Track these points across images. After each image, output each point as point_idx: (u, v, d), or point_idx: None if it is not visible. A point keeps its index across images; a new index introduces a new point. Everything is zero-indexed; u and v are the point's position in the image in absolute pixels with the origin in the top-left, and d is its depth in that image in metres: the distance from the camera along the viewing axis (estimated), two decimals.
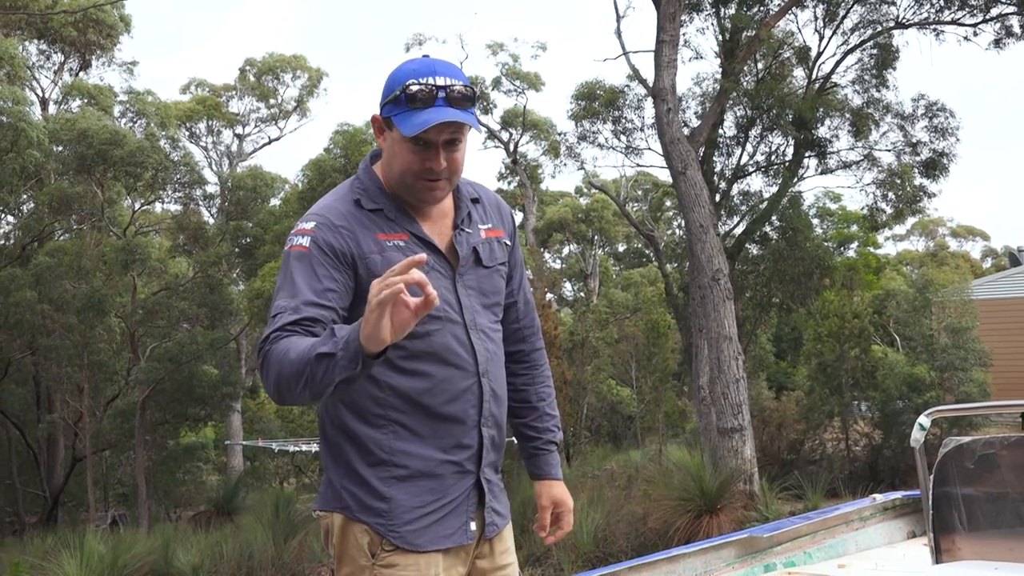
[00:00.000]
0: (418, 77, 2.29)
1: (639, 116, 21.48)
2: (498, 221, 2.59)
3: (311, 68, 32.16)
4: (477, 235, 2.50)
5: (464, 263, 2.44)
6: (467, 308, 2.42)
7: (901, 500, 5.51)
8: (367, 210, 2.38)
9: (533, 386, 2.72)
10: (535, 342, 2.74)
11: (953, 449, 3.84)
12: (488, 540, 2.50)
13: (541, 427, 2.72)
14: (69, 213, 23.61)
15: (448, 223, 2.46)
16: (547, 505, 2.70)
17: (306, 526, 16.97)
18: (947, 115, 19.61)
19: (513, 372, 2.66)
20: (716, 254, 16.17)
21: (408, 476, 2.35)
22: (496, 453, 2.50)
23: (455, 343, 2.37)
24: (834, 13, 19.62)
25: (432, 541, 2.35)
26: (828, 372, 19.69)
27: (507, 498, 2.60)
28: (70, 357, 21.72)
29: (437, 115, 2.27)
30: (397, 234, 2.37)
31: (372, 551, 2.34)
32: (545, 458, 2.72)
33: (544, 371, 2.75)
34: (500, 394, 2.49)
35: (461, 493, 2.41)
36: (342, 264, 2.30)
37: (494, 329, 2.50)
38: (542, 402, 2.73)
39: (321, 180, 21.52)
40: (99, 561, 14.43)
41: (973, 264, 45.61)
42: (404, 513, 2.34)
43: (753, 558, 4.67)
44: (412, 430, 2.35)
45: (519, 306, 2.68)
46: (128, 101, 26.05)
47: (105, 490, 25.27)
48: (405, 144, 2.31)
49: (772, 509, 14.26)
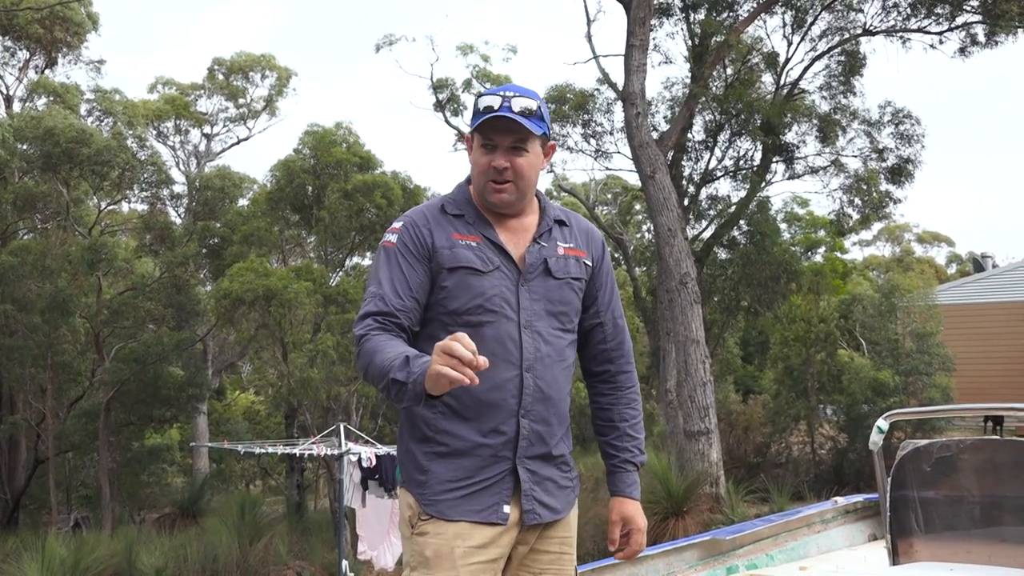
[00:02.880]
0: (493, 92, 2.64)
1: (609, 120, 21.58)
2: (584, 245, 2.82)
3: (280, 67, 31.96)
4: (553, 250, 2.74)
5: (531, 270, 2.69)
6: (525, 309, 2.66)
7: (863, 503, 5.54)
8: (450, 214, 2.72)
9: (616, 407, 2.91)
10: (623, 365, 2.93)
11: (911, 452, 3.86)
12: (532, 528, 2.67)
13: (620, 446, 2.89)
14: (34, 212, 23.34)
15: (528, 236, 2.74)
16: (616, 520, 2.86)
17: (272, 528, 16.90)
18: (913, 122, 19.83)
19: (599, 392, 2.93)
20: (684, 258, 16.24)
21: (447, 453, 2.60)
22: (544, 447, 2.66)
23: (505, 336, 2.61)
24: (802, 20, 19.79)
25: (461, 513, 2.57)
26: (794, 376, 19.83)
27: (573, 495, 2.78)
28: (34, 357, 21.46)
29: (496, 114, 2.60)
30: (472, 236, 2.68)
31: (412, 523, 2.62)
32: (621, 476, 2.88)
33: (629, 393, 2.94)
34: (548, 393, 2.67)
35: (494, 475, 2.60)
36: (421, 257, 2.65)
37: (555, 335, 2.71)
38: (624, 423, 2.90)
39: (290, 180, 21.39)
40: (61, 564, 14.29)
41: (938, 270, 46.03)
42: (438, 484, 2.59)
43: (716, 560, 4.69)
44: (456, 412, 2.60)
45: (607, 328, 2.88)
46: (95, 100, 25.79)
47: (68, 492, 25.00)
48: (478, 149, 2.67)
49: (738, 512, 14.33)
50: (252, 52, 31.75)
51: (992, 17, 18.30)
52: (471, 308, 2.61)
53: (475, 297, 2.61)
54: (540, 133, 2.65)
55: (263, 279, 18.97)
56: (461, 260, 2.63)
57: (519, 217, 2.74)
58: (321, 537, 17.66)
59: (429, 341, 2.48)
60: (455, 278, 2.62)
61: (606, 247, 2.93)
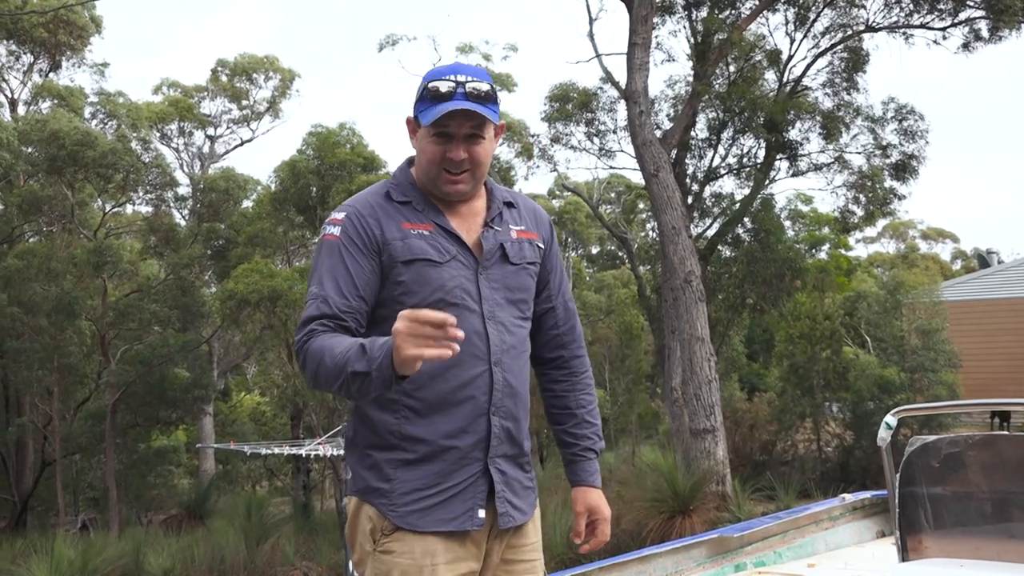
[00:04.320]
0: (441, 76, 2.46)
1: (612, 118, 21.55)
2: (533, 226, 2.66)
3: (284, 69, 32.01)
4: (507, 234, 2.58)
5: (489, 257, 2.52)
6: (487, 299, 2.49)
7: (870, 500, 5.54)
8: (396, 202, 2.52)
9: (572, 393, 2.75)
10: (575, 349, 2.77)
11: (919, 448, 3.87)
12: (504, 533, 2.52)
13: (579, 434, 2.74)
14: (39, 215, 23.39)
15: (479, 221, 2.56)
16: (582, 511, 2.71)
17: (278, 529, 16.93)
18: (916, 118, 19.79)
19: (553, 378, 2.75)
20: (688, 256, 16.24)
21: (415, 460, 2.42)
22: (512, 446, 2.52)
23: (470, 330, 2.40)
24: (805, 17, 19.77)
25: (432, 523, 2.40)
26: (800, 373, 19.82)
27: (534, 496, 2.63)
28: (40, 360, 21.50)
29: (453, 105, 2.41)
30: (423, 224, 2.49)
31: (374, 537, 2.42)
32: (583, 465, 2.74)
33: (584, 378, 2.78)
34: (516, 387, 2.52)
35: (466, 479, 2.44)
36: (368, 251, 2.44)
37: (517, 324, 2.55)
38: (581, 409, 2.75)
39: (294, 181, 21.40)
40: (69, 565, 14.33)
41: (943, 266, 46.00)
42: (405, 494, 2.40)
43: (724, 558, 4.70)
44: (421, 414, 2.42)
45: (558, 312, 2.73)
46: (99, 103, 25.83)
47: (75, 494, 25.03)
48: (429, 137, 2.46)
49: (744, 510, 14.33)
50: (255, 54, 31.84)
51: (995, 12, 18.27)
52: (432, 303, 2.38)
53: (435, 290, 2.42)
54: (497, 121, 2.49)
55: (268, 280, 19.00)
56: (416, 252, 2.44)
57: (468, 201, 2.57)
58: (328, 538, 17.70)
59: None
60: (411, 271, 2.43)
61: (553, 226, 2.78)
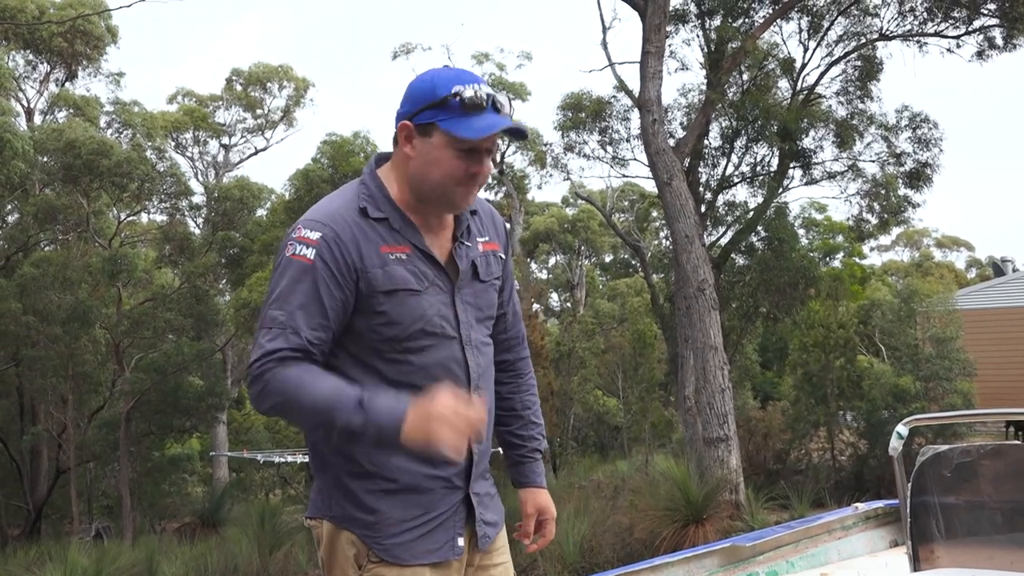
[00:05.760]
0: (463, 84, 2.26)
1: (625, 127, 21.53)
2: (493, 234, 2.55)
3: (297, 78, 32.18)
4: (475, 248, 2.46)
5: (463, 277, 2.41)
6: (464, 323, 2.39)
7: (884, 509, 5.51)
8: (372, 219, 2.32)
9: (518, 394, 2.69)
10: (520, 351, 2.72)
11: (931, 458, 3.86)
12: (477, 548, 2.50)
13: (526, 435, 2.70)
14: (54, 224, 23.54)
15: (448, 235, 2.42)
16: (532, 513, 2.67)
17: (291, 538, 16.92)
18: (930, 126, 19.71)
19: (499, 381, 2.63)
20: (702, 264, 16.21)
21: (396, 490, 2.32)
22: (484, 464, 2.49)
23: (450, 359, 2.35)
24: (818, 25, 19.73)
25: (417, 556, 2.33)
26: (814, 382, 19.74)
27: (500, 503, 2.59)
28: (55, 368, 21.62)
29: (499, 121, 2.28)
30: (400, 247, 2.31)
31: (359, 562, 2.33)
32: (530, 466, 2.70)
33: (529, 379, 2.73)
34: (491, 408, 2.48)
35: (449, 508, 2.39)
36: (344, 282, 2.26)
37: (486, 343, 2.48)
38: (527, 410, 2.70)
39: (309, 190, 21.49)
40: (83, 573, 14.36)
41: (958, 274, 45.85)
42: (390, 526, 2.32)
43: (736, 567, 4.68)
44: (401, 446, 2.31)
45: (508, 317, 2.65)
46: (114, 112, 26.02)
47: (89, 502, 25.14)
48: (449, 151, 2.28)
49: (758, 519, 14.26)
50: (270, 63, 32.02)
51: (1010, 20, 18.22)
52: (412, 334, 2.29)
53: (415, 321, 2.29)
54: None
55: None
56: (398, 282, 2.28)
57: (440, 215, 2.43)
58: None
59: (359, 368, 2.29)
60: (392, 302, 2.28)
61: (507, 228, 2.67)
